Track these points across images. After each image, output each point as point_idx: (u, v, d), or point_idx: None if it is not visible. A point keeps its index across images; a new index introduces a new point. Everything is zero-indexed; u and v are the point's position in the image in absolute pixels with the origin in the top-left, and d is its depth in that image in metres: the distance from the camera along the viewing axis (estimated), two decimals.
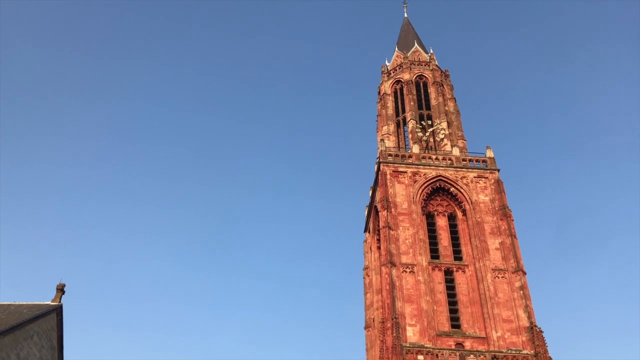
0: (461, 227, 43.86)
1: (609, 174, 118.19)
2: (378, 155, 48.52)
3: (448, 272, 41.10)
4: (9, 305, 27.37)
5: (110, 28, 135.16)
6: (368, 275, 48.27)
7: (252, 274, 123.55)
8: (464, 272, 41.10)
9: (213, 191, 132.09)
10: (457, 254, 42.46)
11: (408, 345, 35.57)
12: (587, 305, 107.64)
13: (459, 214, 44.68)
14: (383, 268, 40.11)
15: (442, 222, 44.49)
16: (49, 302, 28.47)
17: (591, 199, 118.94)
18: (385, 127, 53.79)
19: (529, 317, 37.33)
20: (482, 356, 35.64)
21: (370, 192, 50.68)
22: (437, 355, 35.34)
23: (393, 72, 58.98)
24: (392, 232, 41.55)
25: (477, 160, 47.63)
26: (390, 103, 56.17)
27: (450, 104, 54.80)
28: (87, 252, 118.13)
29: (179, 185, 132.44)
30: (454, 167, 46.63)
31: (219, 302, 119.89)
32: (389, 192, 44.28)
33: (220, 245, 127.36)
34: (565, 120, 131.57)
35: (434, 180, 45.78)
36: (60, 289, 29.15)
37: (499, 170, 46.69)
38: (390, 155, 47.62)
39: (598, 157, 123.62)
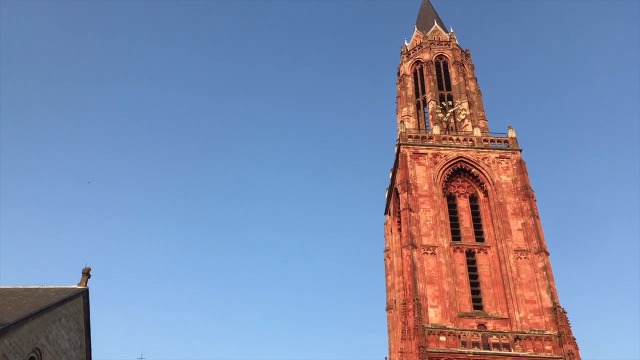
0: (483, 208, 43.56)
1: (632, 150, 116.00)
2: (398, 137, 48.25)
3: (470, 254, 40.96)
4: (37, 289, 27.94)
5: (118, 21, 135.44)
6: (389, 257, 48.29)
7: (272, 255, 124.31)
8: (485, 253, 40.92)
9: (236, 172, 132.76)
10: (479, 236, 42.26)
11: (430, 326, 35.64)
12: (611, 284, 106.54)
13: (481, 195, 44.36)
14: (404, 250, 40.09)
15: (463, 203, 44.23)
16: (76, 286, 28.99)
17: (613, 177, 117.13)
18: (405, 109, 53.38)
19: (552, 297, 37.09)
20: (504, 337, 35.56)
21: (391, 174, 50.49)
22: (459, 336, 35.35)
23: (412, 53, 58.36)
24: (412, 214, 41.44)
25: (498, 141, 47.11)
26: (410, 84, 55.67)
27: (471, 83, 54.14)
28: (109, 236, 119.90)
29: (201, 167, 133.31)
30: (475, 148, 46.18)
31: (240, 282, 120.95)
32: (410, 174, 44.08)
33: (242, 227, 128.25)
34: (587, 98, 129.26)
35: (455, 161, 45.43)
36: (86, 273, 29.65)
37: (521, 151, 46.18)
38: (410, 136, 47.31)
39: (621, 134, 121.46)
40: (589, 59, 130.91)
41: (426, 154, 45.76)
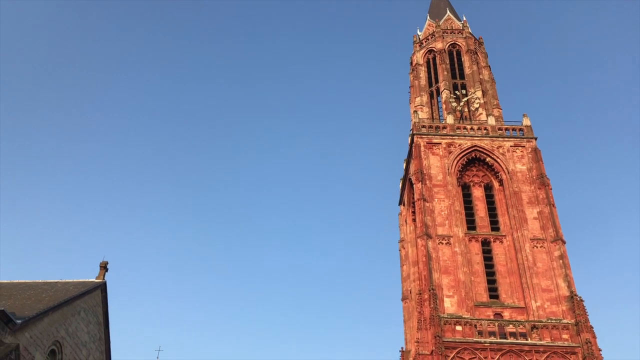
0: (498, 197, 43.33)
1: None
2: (411, 127, 48.04)
3: (485, 243, 40.81)
4: (55, 282, 28.37)
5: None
6: (404, 248, 48.25)
7: (287, 248, 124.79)
8: (501, 242, 40.74)
9: (251, 164, 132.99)
10: (494, 225, 42.07)
11: (446, 316, 35.62)
12: (628, 271, 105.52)
13: (496, 184, 44.11)
14: (419, 240, 40.03)
15: (478, 192, 44.02)
16: (94, 280, 29.41)
17: (630, 163, 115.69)
18: (418, 99, 53.12)
19: (569, 286, 36.88)
20: (521, 326, 35.44)
21: (405, 164, 50.34)
22: (475, 325, 35.30)
23: (425, 42, 57.96)
24: (427, 204, 41.34)
25: (513, 129, 46.74)
26: (422, 73, 55.35)
27: (485, 72, 53.71)
28: (125, 229, 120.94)
29: (218, 159, 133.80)
30: (490, 137, 45.87)
31: (256, 275, 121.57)
32: (424, 164, 43.92)
33: (258, 220, 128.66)
34: (603, 84, 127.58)
35: (469, 150, 45.17)
36: (104, 267, 30.07)
37: (536, 139, 45.79)
38: (423, 126, 47.11)
39: (638, 120, 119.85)
40: (605, 44, 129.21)
41: (440, 143, 45.55)
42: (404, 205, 50.42)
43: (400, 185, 52.15)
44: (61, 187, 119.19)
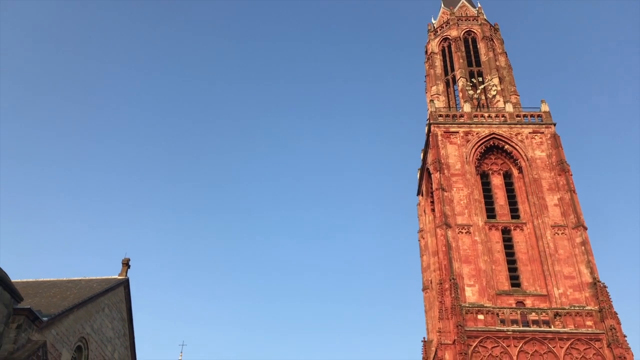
0: (517, 184, 42.97)
1: None
2: (428, 117, 47.78)
3: (505, 231, 40.52)
4: (79, 280, 28.81)
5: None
6: (423, 238, 48.12)
7: (308, 239, 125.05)
8: (522, 230, 40.44)
9: (271, 156, 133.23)
10: (514, 213, 41.74)
11: (467, 305, 35.50)
12: None
13: (515, 171, 43.73)
14: (438, 230, 39.90)
15: (497, 180, 43.70)
16: (116, 276, 29.80)
17: None
18: (434, 88, 52.77)
19: (592, 272, 36.50)
20: (544, 313, 35.19)
21: (422, 154, 50.09)
22: (497, 314, 35.12)
23: (440, 30, 57.51)
24: (445, 194, 41.15)
25: (531, 116, 46.24)
26: (438, 62, 54.96)
27: (502, 58, 53.16)
28: (145, 224, 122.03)
29: (237, 150, 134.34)
30: (508, 124, 45.43)
31: (278, 267, 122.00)
32: (441, 154, 43.69)
33: (279, 210, 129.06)
34: (622, 66, 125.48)
35: (487, 138, 44.80)
36: (126, 263, 30.46)
37: (555, 125, 45.25)
38: (440, 115, 46.81)
39: None
40: (622, 25, 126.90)
41: (457, 132, 45.24)
42: (422, 195, 50.24)
43: (418, 176, 51.94)
44: (76, 183, 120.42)
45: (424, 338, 43.31)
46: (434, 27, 58.63)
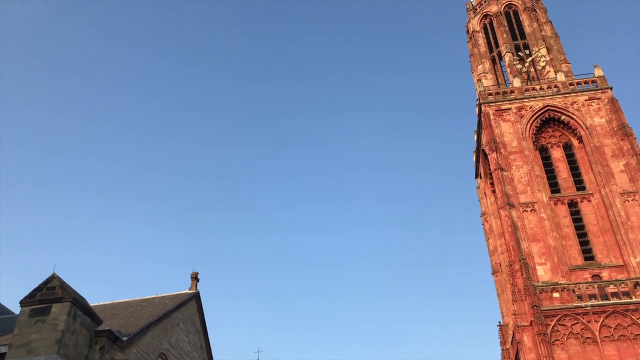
0: (579, 155, 41.54)
1: None
2: (477, 97, 46.81)
3: (572, 204, 39.25)
4: (152, 298, 29.69)
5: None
6: (487, 221, 47.18)
7: (372, 232, 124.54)
8: (589, 201, 39.08)
9: (321, 149, 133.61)
10: (579, 184, 40.37)
11: (540, 284, 34.57)
12: None
13: (575, 142, 42.28)
14: (501, 211, 39.04)
15: (557, 153, 42.38)
16: (187, 291, 30.54)
17: None
18: (480, 67, 51.69)
19: None
20: (623, 284, 33.84)
21: (475, 136, 49.11)
22: (573, 290, 34.03)
23: (479, 7, 56.29)
24: (505, 173, 40.22)
25: (585, 82, 44.63)
26: (481, 40, 53.82)
27: (547, 27, 51.52)
28: (208, 234, 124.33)
29: (295, 147, 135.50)
30: (562, 94, 43.99)
31: (346, 264, 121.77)
32: (495, 133, 42.73)
33: (339, 203, 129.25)
34: None
35: (541, 111, 43.52)
36: (195, 277, 31.19)
37: (611, 89, 43.52)
38: (490, 94, 45.78)
39: None
40: None
41: (510, 109, 44.14)
42: (480, 177, 49.27)
43: (474, 158, 50.95)
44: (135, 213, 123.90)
45: (500, 322, 42.48)
46: (472, 5, 57.44)
